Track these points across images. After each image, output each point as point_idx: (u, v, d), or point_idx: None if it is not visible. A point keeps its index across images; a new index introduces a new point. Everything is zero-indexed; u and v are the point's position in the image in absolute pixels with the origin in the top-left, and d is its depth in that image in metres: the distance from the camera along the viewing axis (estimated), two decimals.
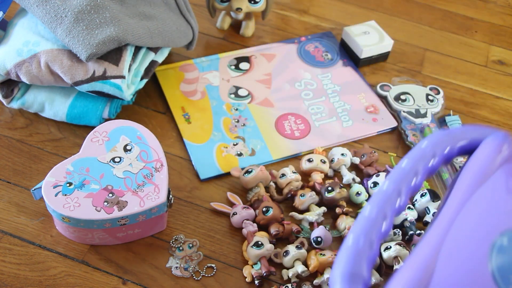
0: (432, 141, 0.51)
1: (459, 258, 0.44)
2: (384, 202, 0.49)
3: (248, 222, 0.74)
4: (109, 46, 0.77)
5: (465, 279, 0.43)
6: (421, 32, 1.11)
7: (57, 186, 0.68)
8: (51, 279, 0.69)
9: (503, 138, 0.52)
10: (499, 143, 0.51)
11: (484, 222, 0.46)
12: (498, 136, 0.52)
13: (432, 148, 0.50)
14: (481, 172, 0.49)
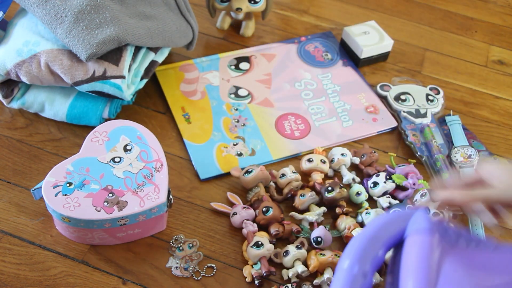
0: (354, 259, 0.49)
1: None
2: None
3: (248, 222, 0.74)
4: (109, 46, 0.77)
5: None
6: (421, 32, 1.11)
7: (57, 186, 0.68)
8: (51, 279, 0.69)
9: (428, 230, 0.50)
10: (426, 240, 0.50)
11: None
12: (421, 230, 0.50)
13: (359, 269, 0.49)
14: (425, 282, 0.48)
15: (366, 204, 0.79)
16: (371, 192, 0.80)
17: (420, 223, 0.51)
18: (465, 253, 0.51)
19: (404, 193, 0.80)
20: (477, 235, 0.52)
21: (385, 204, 0.79)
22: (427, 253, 0.49)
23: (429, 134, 0.88)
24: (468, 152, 0.86)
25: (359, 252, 0.48)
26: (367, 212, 0.77)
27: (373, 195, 0.80)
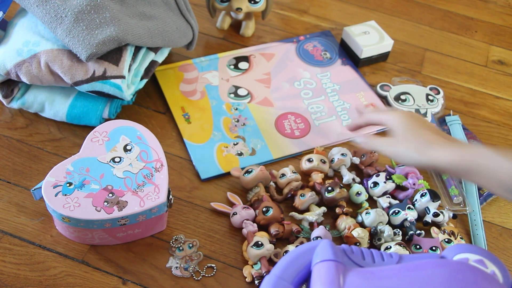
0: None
1: None
2: None
3: (248, 222, 0.74)
4: (109, 46, 0.77)
5: None
6: (421, 32, 1.11)
7: (57, 186, 0.68)
8: (51, 279, 0.69)
9: (331, 256, 0.55)
10: (331, 267, 0.54)
11: None
12: (324, 258, 0.55)
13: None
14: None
15: (366, 204, 0.79)
16: (371, 192, 0.80)
17: (323, 253, 0.55)
18: (369, 268, 0.55)
19: (404, 193, 0.80)
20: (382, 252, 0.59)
21: (385, 204, 0.79)
22: (333, 278, 0.52)
23: None
24: None
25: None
26: (367, 212, 0.77)
27: (373, 195, 0.80)
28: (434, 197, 0.77)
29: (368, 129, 0.88)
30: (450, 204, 0.80)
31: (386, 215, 0.77)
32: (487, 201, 0.83)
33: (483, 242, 0.78)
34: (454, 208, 0.80)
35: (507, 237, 0.80)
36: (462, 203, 0.80)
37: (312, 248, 0.56)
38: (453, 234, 0.76)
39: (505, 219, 0.82)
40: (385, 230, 0.75)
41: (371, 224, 0.76)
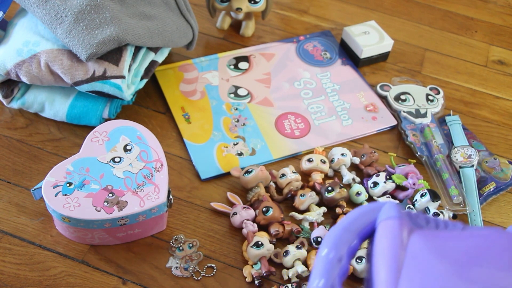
0: (330, 247, 0.54)
1: None
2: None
3: (248, 222, 0.74)
4: (109, 46, 0.77)
5: None
6: (421, 32, 1.11)
7: (57, 186, 0.68)
8: (51, 279, 0.69)
9: (397, 216, 0.55)
10: (395, 223, 0.55)
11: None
12: (390, 216, 0.55)
13: (335, 255, 0.53)
14: (394, 260, 0.52)
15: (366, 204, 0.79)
16: (371, 192, 0.80)
17: (389, 212, 0.55)
18: (433, 232, 0.55)
19: (404, 193, 0.80)
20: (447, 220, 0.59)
21: None
22: (397, 234, 0.53)
23: (429, 134, 0.88)
24: (468, 152, 0.86)
25: (335, 240, 0.53)
26: None
27: (373, 195, 0.80)
28: (434, 197, 0.77)
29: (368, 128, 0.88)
30: (450, 204, 0.80)
31: None
32: (487, 201, 0.83)
33: None
34: (454, 208, 0.80)
35: None
36: (462, 203, 0.80)
37: (378, 208, 0.56)
38: None
39: (505, 219, 0.82)
40: None
41: None
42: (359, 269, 0.71)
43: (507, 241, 0.54)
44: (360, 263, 0.71)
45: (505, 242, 0.54)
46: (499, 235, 0.55)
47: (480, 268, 0.51)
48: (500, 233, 0.55)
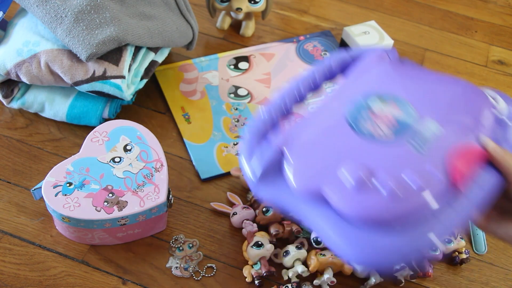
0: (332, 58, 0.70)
1: (326, 111, 0.63)
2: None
3: (248, 222, 0.74)
4: (109, 46, 0.77)
5: (326, 123, 0.61)
6: (421, 32, 1.11)
7: (57, 186, 0.68)
8: (51, 279, 0.69)
9: (381, 51, 0.69)
10: (378, 52, 0.68)
11: (355, 89, 0.64)
12: (377, 50, 0.69)
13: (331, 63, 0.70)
14: (362, 66, 0.68)
15: None
16: None
17: (370, 50, 0.68)
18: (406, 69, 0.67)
19: None
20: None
21: None
22: (374, 59, 0.67)
23: None
24: None
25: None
26: None
27: None
28: None
29: None
30: None
31: None
32: None
33: (483, 242, 0.78)
34: None
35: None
36: None
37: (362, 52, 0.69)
38: (453, 234, 0.76)
39: None
40: None
41: None
42: (359, 269, 0.71)
43: (466, 90, 0.68)
44: None
45: (463, 90, 0.68)
46: (462, 85, 0.69)
47: (430, 98, 0.63)
48: (464, 85, 0.69)
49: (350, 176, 0.54)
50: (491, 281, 0.75)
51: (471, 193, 0.55)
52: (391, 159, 0.56)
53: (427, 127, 0.59)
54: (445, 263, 0.76)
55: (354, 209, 0.53)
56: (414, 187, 0.53)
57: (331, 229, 0.54)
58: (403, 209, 0.52)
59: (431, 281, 0.74)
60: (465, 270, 0.75)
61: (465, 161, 0.56)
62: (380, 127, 0.59)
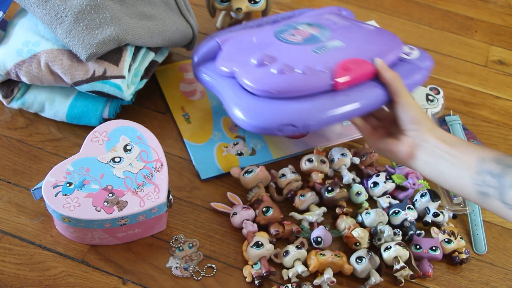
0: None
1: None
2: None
3: (248, 222, 0.74)
4: (109, 46, 0.77)
5: (259, 32, 0.82)
6: (421, 32, 1.11)
7: (57, 186, 0.68)
8: (51, 279, 0.69)
9: (337, 8, 0.92)
10: (333, 8, 0.91)
11: (295, 19, 0.86)
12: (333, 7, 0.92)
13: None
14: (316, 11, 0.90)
15: (366, 204, 0.79)
16: (371, 192, 0.80)
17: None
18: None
19: (404, 193, 0.80)
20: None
21: (385, 204, 0.79)
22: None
23: None
24: None
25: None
26: (367, 212, 0.77)
27: (373, 195, 0.80)
28: (434, 197, 0.77)
29: None
30: (450, 204, 0.80)
31: (386, 215, 0.77)
32: None
33: (483, 242, 0.78)
34: (454, 208, 0.80)
35: (507, 237, 0.80)
36: (462, 203, 0.80)
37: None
38: (453, 234, 0.76)
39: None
40: (385, 230, 0.75)
41: (371, 224, 0.76)
42: (359, 269, 0.71)
43: (385, 34, 0.83)
44: (360, 263, 0.71)
45: (382, 34, 0.83)
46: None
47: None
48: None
49: (255, 60, 0.73)
50: (491, 281, 0.75)
51: (349, 93, 0.71)
52: (291, 54, 0.75)
53: (333, 43, 0.77)
54: (445, 263, 0.76)
55: (252, 81, 0.72)
56: (299, 71, 0.71)
57: (233, 98, 0.73)
58: (286, 84, 0.71)
59: (431, 281, 0.74)
60: (465, 270, 0.75)
61: (350, 67, 0.72)
62: (296, 37, 0.79)
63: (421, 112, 0.69)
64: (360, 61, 0.73)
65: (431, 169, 0.67)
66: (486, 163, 0.61)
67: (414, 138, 0.68)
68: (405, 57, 0.80)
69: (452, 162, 0.64)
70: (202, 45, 0.82)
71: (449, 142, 0.66)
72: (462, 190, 0.64)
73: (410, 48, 0.82)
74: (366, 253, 0.72)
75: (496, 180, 0.60)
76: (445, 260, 0.76)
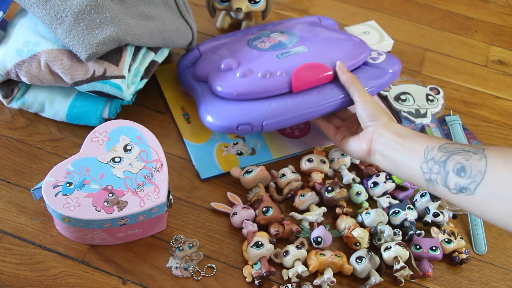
0: None
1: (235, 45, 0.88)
2: None
3: (248, 222, 0.74)
4: (109, 46, 0.77)
5: (235, 41, 0.89)
6: (421, 32, 1.11)
7: (57, 186, 0.68)
8: (51, 279, 0.69)
9: (316, 17, 0.97)
10: (313, 18, 0.96)
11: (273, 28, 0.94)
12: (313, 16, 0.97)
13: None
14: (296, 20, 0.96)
15: (366, 204, 0.79)
16: (371, 192, 0.80)
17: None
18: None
19: (404, 193, 0.80)
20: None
21: (385, 204, 0.79)
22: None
23: (429, 134, 0.88)
24: None
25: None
26: (367, 212, 0.77)
27: (373, 195, 0.80)
28: (434, 197, 0.77)
29: None
30: (450, 204, 0.80)
31: (386, 215, 0.77)
32: None
33: (483, 242, 0.78)
34: (454, 208, 0.80)
35: (507, 237, 0.80)
36: None
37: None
38: (453, 234, 0.76)
39: None
40: (385, 230, 0.75)
41: (371, 224, 0.76)
42: (359, 269, 0.71)
43: (353, 41, 0.86)
44: (360, 263, 0.71)
45: (351, 41, 0.86)
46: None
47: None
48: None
49: (223, 64, 0.81)
50: (491, 281, 0.75)
51: (305, 95, 0.77)
52: (256, 60, 0.81)
53: (297, 49, 0.82)
54: (445, 263, 0.76)
55: (218, 84, 0.79)
56: (259, 75, 0.77)
57: (202, 100, 0.80)
58: (246, 87, 0.77)
59: (431, 281, 0.74)
60: (465, 270, 0.75)
61: (307, 71, 0.77)
62: (265, 43, 0.85)
63: (378, 109, 0.73)
64: (318, 65, 0.78)
65: (387, 162, 0.69)
66: (432, 151, 0.64)
67: (372, 134, 0.71)
68: (371, 61, 0.84)
69: (404, 152, 0.67)
70: (187, 54, 0.91)
71: (401, 134, 0.68)
72: (415, 179, 0.66)
73: (378, 53, 0.86)
74: (366, 253, 0.72)
75: (440, 166, 0.62)
76: (445, 260, 0.76)
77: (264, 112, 0.75)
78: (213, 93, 0.80)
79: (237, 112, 0.76)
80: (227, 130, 0.77)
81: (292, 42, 0.83)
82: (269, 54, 0.82)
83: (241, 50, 0.85)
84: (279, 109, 0.76)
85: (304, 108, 0.76)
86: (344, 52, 0.82)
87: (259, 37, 0.87)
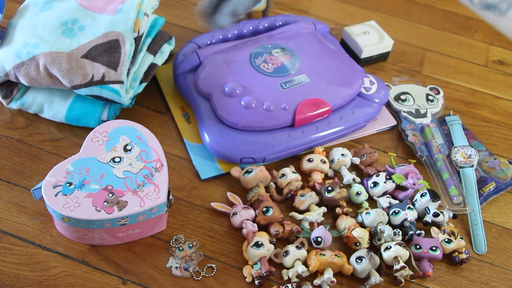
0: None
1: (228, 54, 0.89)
2: None
3: (248, 222, 0.74)
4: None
5: (237, 53, 0.89)
6: (421, 32, 1.11)
7: (57, 186, 0.68)
8: (51, 279, 0.69)
9: (312, 21, 0.97)
10: (309, 22, 0.96)
11: (272, 39, 0.92)
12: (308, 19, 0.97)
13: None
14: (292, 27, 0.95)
15: (366, 204, 0.79)
16: (371, 192, 0.80)
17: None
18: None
19: (404, 193, 0.80)
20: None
21: (385, 204, 0.79)
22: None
23: (429, 134, 0.88)
24: (468, 152, 0.86)
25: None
26: (367, 212, 0.77)
27: (373, 195, 0.80)
28: (434, 197, 0.77)
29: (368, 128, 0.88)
30: (450, 204, 0.80)
31: (386, 215, 0.77)
32: (487, 201, 0.83)
33: (483, 242, 0.78)
34: (454, 208, 0.80)
35: (507, 237, 0.80)
36: (462, 203, 0.80)
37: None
38: (453, 234, 0.76)
39: (505, 219, 0.82)
40: (385, 230, 0.75)
41: (371, 224, 0.76)
42: (359, 269, 0.71)
43: (351, 68, 0.90)
44: (360, 263, 0.71)
45: (348, 68, 0.90)
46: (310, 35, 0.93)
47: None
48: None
49: (228, 88, 0.82)
50: (491, 281, 0.75)
51: (307, 130, 0.82)
52: (261, 86, 0.83)
53: (299, 77, 0.85)
54: (445, 263, 0.76)
55: (222, 111, 0.81)
56: (264, 107, 0.81)
57: (204, 120, 0.82)
58: (252, 119, 0.80)
59: (431, 281, 0.74)
60: (465, 270, 0.75)
61: (309, 107, 0.81)
62: (268, 65, 0.86)
63: None
64: (319, 101, 0.83)
65: None
66: None
67: None
68: (364, 92, 0.88)
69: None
70: (183, 57, 0.89)
71: None
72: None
73: (371, 82, 0.89)
74: (366, 253, 0.72)
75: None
76: (445, 260, 0.76)
77: (267, 146, 0.80)
78: (215, 116, 0.82)
79: (241, 145, 0.79)
80: (230, 161, 0.81)
81: (294, 68, 0.86)
82: (273, 82, 0.84)
83: (244, 70, 0.86)
84: (281, 144, 0.81)
85: (303, 143, 0.82)
86: (342, 82, 0.87)
87: (261, 54, 0.88)
